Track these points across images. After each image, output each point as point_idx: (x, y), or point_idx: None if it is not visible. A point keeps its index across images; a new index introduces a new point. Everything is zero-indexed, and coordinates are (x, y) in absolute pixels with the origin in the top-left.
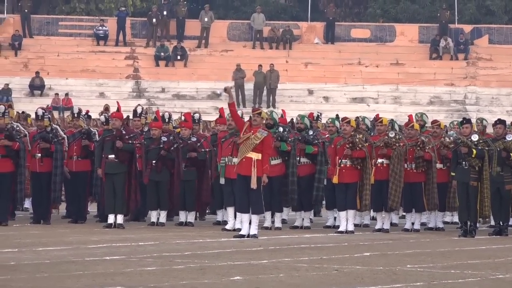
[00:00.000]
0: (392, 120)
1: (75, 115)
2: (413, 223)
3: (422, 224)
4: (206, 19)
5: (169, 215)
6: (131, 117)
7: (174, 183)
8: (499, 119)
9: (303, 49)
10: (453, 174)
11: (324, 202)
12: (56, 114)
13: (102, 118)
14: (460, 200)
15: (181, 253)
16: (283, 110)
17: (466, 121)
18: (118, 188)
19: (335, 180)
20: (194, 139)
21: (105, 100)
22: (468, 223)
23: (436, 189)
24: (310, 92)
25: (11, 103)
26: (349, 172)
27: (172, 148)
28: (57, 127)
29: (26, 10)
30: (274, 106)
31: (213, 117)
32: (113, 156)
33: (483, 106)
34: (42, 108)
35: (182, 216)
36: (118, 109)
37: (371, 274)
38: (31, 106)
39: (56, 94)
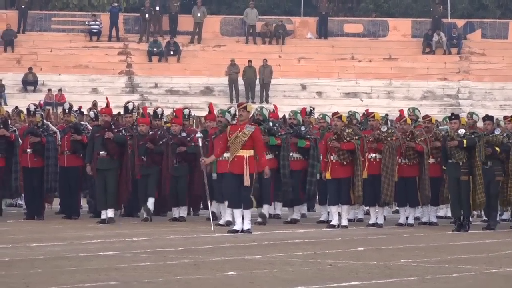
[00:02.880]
0: (386, 115)
1: (66, 110)
2: (407, 218)
3: (416, 218)
4: (198, 15)
5: (162, 210)
6: (122, 113)
7: (163, 178)
8: (487, 115)
9: (296, 44)
10: (444, 168)
11: (317, 197)
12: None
13: (91, 114)
14: (452, 196)
15: (175, 248)
16: (275, 106)
17: (455, 116)
18: (110, 184)
19: (327, 176)
20: (184, 134)
21: (98, 96)
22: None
23: (429, 182)
24: (303, 87)
25: None
26: (341, 167)
27: (161, 142)
28: (49, 123)
29: (23, 6)
30: (267, 101)
31: (206, 112)
32: (104, 152)
33: (476, 101)
34: (34, 104)
35: (175, 212)
36: (107, 105)
37: (365, 269)
38: (24, 102)
39: (49, 90)
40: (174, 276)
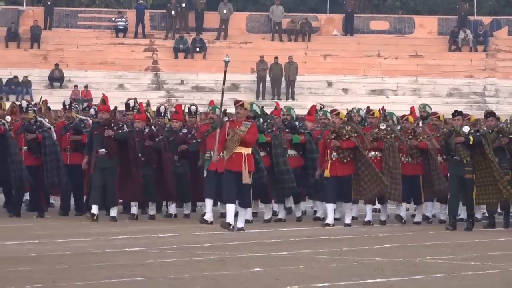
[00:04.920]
0: (383, 110)
1: (67, 106)
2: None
3: (413, 215)
4: (225, 11)
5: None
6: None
7: (163, 176)
8: (488, 112)
9: (322, 41)
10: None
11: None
12: None
13: (92, 111)
14: (452, 193)
15: (200, 244)
16: (277, 103)
17: (458, 113)
18: (109, 182)
19: (326, 173)
20: (185, 131)
21: (125, 92)
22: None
23: (440, 177)
24: (329, 84)
25: (2, 96)
26: (341, 165)
27: (157, 139)
28: (41, 119)
29: (49, 3)
30: (293, 98)
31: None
32: (103, 150)
33: (503, 98)
34: (27, 101)
35: (171, 208)
36: (105, 102)
37: (391, 265)
38: (50, 98)
39: (75, 86)
40: (200, 272)
